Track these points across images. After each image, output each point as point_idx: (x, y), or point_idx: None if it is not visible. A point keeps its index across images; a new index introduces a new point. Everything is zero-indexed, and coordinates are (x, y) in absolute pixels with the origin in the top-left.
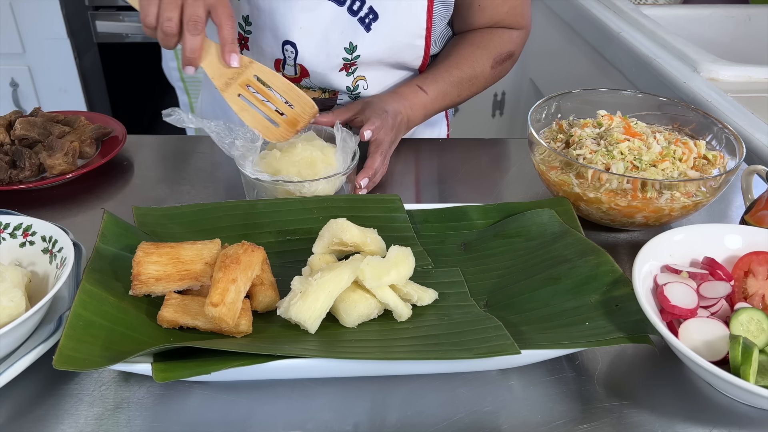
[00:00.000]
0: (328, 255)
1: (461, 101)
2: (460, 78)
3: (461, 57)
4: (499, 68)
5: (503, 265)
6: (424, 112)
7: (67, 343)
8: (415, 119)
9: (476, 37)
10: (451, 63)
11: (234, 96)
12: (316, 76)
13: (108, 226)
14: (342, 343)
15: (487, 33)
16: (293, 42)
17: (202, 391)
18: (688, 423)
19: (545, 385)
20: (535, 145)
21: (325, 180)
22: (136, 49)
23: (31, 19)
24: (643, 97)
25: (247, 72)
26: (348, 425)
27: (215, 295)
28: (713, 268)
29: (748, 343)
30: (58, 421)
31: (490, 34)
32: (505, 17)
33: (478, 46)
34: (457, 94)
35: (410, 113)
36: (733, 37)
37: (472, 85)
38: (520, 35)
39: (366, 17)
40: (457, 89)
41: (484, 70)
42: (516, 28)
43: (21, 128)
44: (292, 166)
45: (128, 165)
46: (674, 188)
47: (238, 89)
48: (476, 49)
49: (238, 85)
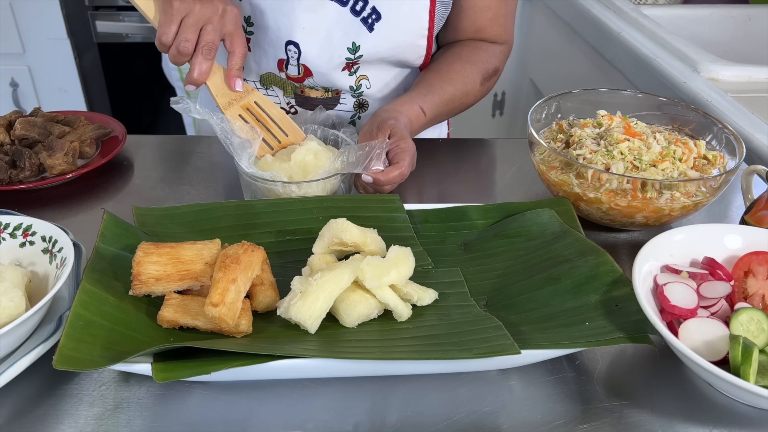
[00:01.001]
0: (328, 255)
1: (447, 118)
2: (452, 95)
3: (453, 72)
4: (486, 84)
5: (503, 265)
6: (416, 132)
7: (67, 343)
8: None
9: (463, 51)
10: (443, 78)
11: (235, 115)
12: (319, 75)
13: (108, 226)
14: (342, 343)
15: (473, 47)
16: (296, 42)
17: (202, 391)
18: (688, 423)
19: (545, 385)
20: (535, 145)
21: (315, 183)
22: (136, 49)
23: (31, 19)
24: (643, 97)
25: (249, 97)
26: (348, 425)
27: (215, 295)
28: (713, 268)
29: (748, 343)
30: (58, 421)
31: (476, 49)
32: (488, 24)
33: (467, 61)
34: (448, 112)
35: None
36: (733, 37)
37: (462, 104)
38: (503, 50)
39: (369, 17)
40: (448, 108)
41: (475, 87)
42: (499, 43)
43: (21, 128)
44: (283, 170)
45: (128, 165)
46: (674, 188)
47: (240, 110)
48: (466, 65)
49: (239, 106)
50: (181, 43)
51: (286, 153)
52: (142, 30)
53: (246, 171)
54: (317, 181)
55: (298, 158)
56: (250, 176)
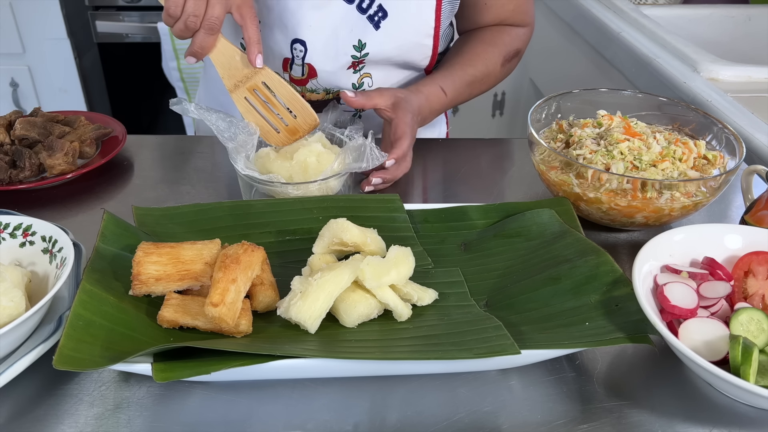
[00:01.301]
0: (328, 255)
1: (468, 99)
2: (473, 77)
3: (474, 54)
4: (507, 65)
5: (503, 265)
6: (438, 113)
7: (67, 343)
8: (427, 120)
9: (486, 34)
10: (465, 61)
11: (241, 98)
12: (323, 75)
13: (108, 226)
14: (342, 343)
15: (496, 31)
16: (303, 40)
17: (202, 391)
18: (688, 423)
19: (545, 385)
20: (535, 145)
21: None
22: (136, 49)
23: (31, 19)
24: (643, 97)
25: (257, 77)
26: (348, 425)
27: (215, 295)
28: (713, 268)
29: (748, 343)
30: (58, 421)
31: (499, 32)
32: (511, 15)
33: (489, 44)
34: (469, 93)
35: (427, 114)
36: (733, 37)
37: (483, 84)
38: (526, 32)
39: (375, 15)
40: (469, 89)
41: (495, 68)
42: (521, 26)
43: (21, 128)
44: (284, 169)
45: (128, 165)
46: (674, 188)
47: (246, 92)
48: (488, 47)
49: (246, 88)
50: (189, 18)
51: (289, 151)
52: (142, 30)
53: (242, 174)
54: (314, 182)
55: (300, 158)
56: (247, 177)
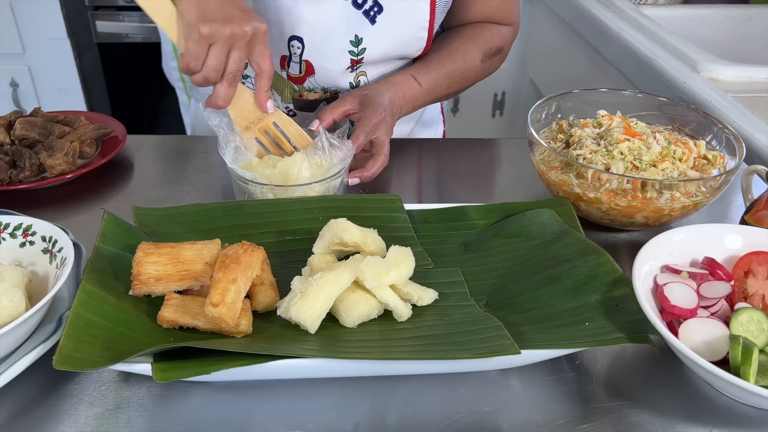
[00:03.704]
0: (328, 255)
1: (450, 95)
2: (451, 70)
3: (453, 49)
4: (488, 62)
5: (503, 265)
6: (414, 104)
7: (67, 343)
8: (404, 110)
9: (467, 30)
10: (443, 55)
11: (251, 139)
12: (321, 72)
13: (108, 226)
14: (342, 343)
15: (478, 27)
16: (300, 37)
17: (202, 391)
18: (688, 423)
19: (545, 385)
20: (535, 145)
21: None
22: (136, 49)
23: (31, 19)
24: (643, 97)
25: (268, 119)
26: (348, 425)
27: (215, 295)
28: (713, 268)
29: (748, 343)
30: (58, 421)
31: (481, 29)
32: (495, 12)
33: (469, 39)
34: (447, 86)
35: (402, 105)
36: (733, 37)
37: (462, 79)
38: (510, 31)
39: (371, 10)
40: (447, 82)
41: (475, 64)
42: (505, 24)
43: (21, 128)
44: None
45: (128, 165)
46: (674, 188)
47: (257, 133)
48: (467, 42)
49: (257, 129)
50: (210, 73)
51: (273, 159)
52: (142, 30)
53: (230, 166)
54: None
55: (283, 168)
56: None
